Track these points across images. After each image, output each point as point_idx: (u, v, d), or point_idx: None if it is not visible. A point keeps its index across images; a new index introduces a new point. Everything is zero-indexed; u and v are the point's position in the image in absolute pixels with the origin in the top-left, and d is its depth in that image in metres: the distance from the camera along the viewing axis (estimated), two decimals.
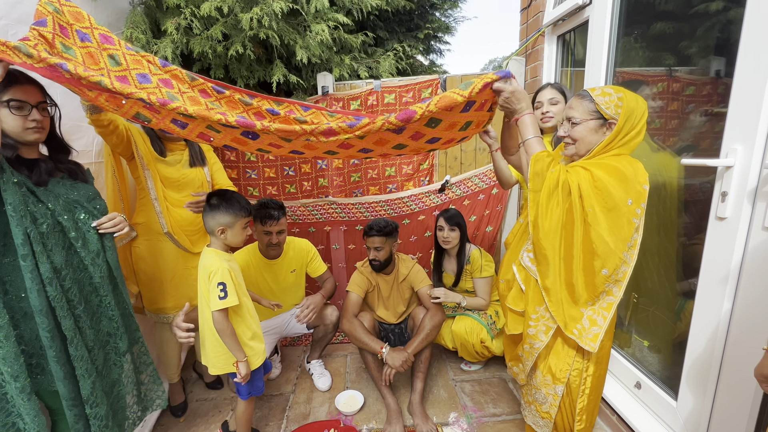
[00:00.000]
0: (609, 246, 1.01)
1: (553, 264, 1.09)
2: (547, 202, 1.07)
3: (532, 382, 1.22)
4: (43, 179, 1.13)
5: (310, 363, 2.27)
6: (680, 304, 1.54)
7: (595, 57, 1.86)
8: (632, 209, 0.99)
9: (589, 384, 1.13)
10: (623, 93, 1.07)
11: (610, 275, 1.03)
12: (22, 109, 1.10)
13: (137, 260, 1.78)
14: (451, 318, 2.18)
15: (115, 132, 1.55)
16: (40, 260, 1.04)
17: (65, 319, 1.07)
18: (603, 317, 1.07)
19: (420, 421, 1.79)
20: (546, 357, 1.18)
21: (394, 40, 3.49)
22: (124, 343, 1.27)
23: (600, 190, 1.01)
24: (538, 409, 1.21)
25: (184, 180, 1.80)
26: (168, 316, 1.84)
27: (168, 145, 1.79)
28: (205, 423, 1.90)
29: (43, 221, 1.08)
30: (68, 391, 1.09)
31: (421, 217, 2.64)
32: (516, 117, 1.13)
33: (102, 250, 1.20)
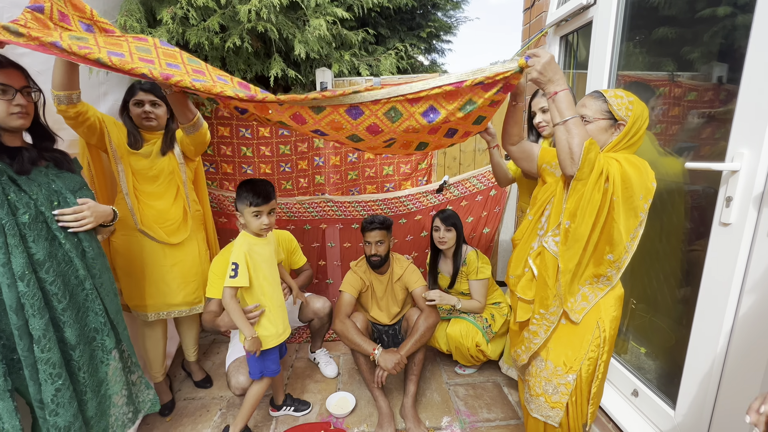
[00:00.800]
0: (621, 234, 1.06)
1: (581, 248, 1.10)
2: (592, 189, 1.05)
3: (542, 374, 1.22)
4: (25, 168, 1.09)
5: (315, 353, 2.30)
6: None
7: (598, 59, 1.83)
8: (641, 204, 1.05)
9: (602, 369, 1.17)
10: (634, 97, 1.13)
11: (614, 261, 1.09)
12: (5, 92, 1.06)
13: (114, 255, 1.72)
14: (446, 320, 2.14)
15: (85, 123, 1.51)
16: (14, 253, 0.99)
17: (34, 317, 1.01)
18: (594, 296, 1.15)
19: (412, 425, 1.75)
20: (557, 348, 1.20)
21: (395, 39, 3.45)
22: (111, 340, 1.22)
23: (624, 181, 1.04)
24: (548, 399, 1.21)
25: (155, 171, 1.73)
26: (147, 314, 1.77)
27: (145, 135, 1.72)
28: (192, 423, 1.86)
29: (24, 211, 1.03)
30: (35, 391, 1.04)
31: (418, 217, 2.61)
32: (555, 90, 1.05)
33: (80, 242, 1.15)
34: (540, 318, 1.21)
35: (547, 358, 1.21)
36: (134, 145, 1.67)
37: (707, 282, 1.23)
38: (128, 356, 1.33)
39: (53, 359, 1.04)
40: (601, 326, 1.14)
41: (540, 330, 1.21)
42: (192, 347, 2.09)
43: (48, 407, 1.04)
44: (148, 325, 1.82)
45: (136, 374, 1.36)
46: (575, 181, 1.05)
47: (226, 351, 2.47)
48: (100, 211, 1.21)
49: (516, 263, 1.31)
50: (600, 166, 1.05)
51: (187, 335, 2.06)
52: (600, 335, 1.14)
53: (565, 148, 1.04)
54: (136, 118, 1.69)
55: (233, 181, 2.56)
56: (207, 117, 2.43)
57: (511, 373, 1.98)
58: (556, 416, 1.20)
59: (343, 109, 1.19)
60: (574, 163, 1.03)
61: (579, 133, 1.03)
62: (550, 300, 1.17)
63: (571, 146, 1.03)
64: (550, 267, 1.16)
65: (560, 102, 1.05)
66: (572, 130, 1.03)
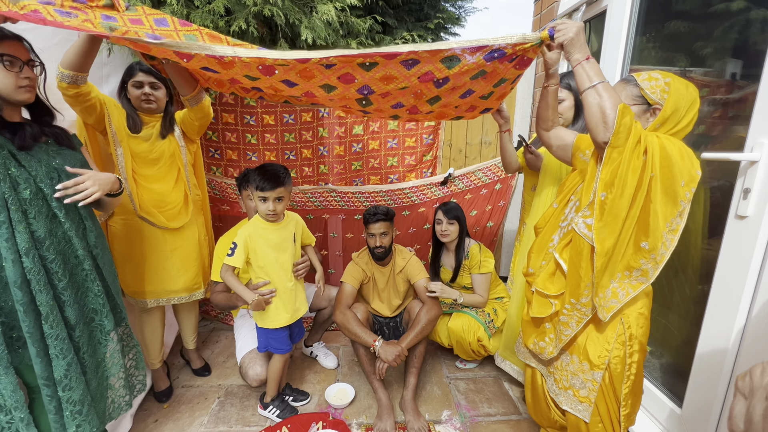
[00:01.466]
0: (657, 219, 0.96)
1: (620, 225, 1.00)
2: (630, 156, 0.96)
3: (568, 368, 1.18)
4: (27, 143, 1.06)
5: (312, 346, 2.26)
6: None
7: (611, 50, 1.79)
8: (682, 191, 0.95)
9: (633, 370, 1.09)
10: (672, 78, 1.02)
11: (649, 251, 0.99)
12: (13, 64, 1.03)
13: (113, 240, 1.69)
14: (448, 314, 2.11)
15: (84, 104, 1.47)
16: (18, 229, 0.98)
17: (40, 293, 1.00)
18: (626, 293, 1.04)
19: (412, 418, 1.73)
20: (583, 344, 1.14)
21: (402, 29, 3.40)
22: (110, 322, 1.21)
23: (664, 158, 0.95)
24: (576, 393, 1.17)
25: (155, 154, 1.70)
26: (146, 301, 1.75)
27: (144, 118, 1.69)
28: (190, 410, 1.84)
29: (25, 187, 1.01)
30: (42, 369, 1.03)
31: (422, 209, 2.58)
32: (587, 55, 1.02)
33: (82, 221, 1.13)
34: (571, 308, 1.13)
35: (572, 353, 1.16)
36: (133, 129, 1.64)
37: (720, 277, 1.19)
38: (125, 337, 1.31)
39: (62, 335, 1.04)
40: (625, 322, 1.08)
41: (571, 321, 1.14)
42: (191, 335, 2.07)
43: (61, 382, 1.04)
44: (146, 311, 1.80)
45: (129, 356, 1.34)
46: (610, 148, 0.97)
47: (225, 339, 2.47)
48: (102, 179, 1.16)
49: (537, 255, 1.25)
50: (637, 134, 0.96)
51: (186, 322, 2.04)
52: (624, 332, 1.08)
53: (596, 112, 0.98)
54: (135, 100, 1.65)
55: (238, 168, 2.53)
56: (211, 103, 2.40)
57: (506, 366, 1.94)
58: (585, 410, 1.15)
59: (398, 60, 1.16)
60: (608, 128, 0.96)
61: (611, 96, 0.97)
62: (581, 289, 1.09)
63: (603, 108, 0.96)
64: (583, 252, 1.07)
65: (590, 68, 1.00)
66: (603, 93, 0.97)
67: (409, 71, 1.19)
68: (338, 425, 1.71)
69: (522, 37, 1.06)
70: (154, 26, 1.20)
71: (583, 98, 1.02)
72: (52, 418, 1.07)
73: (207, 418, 1.79)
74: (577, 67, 1.03)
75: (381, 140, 2.60)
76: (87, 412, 1.10)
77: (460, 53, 1.10)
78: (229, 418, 1.79)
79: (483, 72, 1.21)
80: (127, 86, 1.64)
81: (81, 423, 1.09)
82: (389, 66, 1.17)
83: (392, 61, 1.14)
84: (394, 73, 1.20)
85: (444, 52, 1.09)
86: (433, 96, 1.37)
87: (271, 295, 1.62)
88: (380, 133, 2.59)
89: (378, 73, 1.21)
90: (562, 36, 1.03)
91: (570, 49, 1.03)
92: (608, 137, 0.96)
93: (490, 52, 1.10)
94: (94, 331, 1.19)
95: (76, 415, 1.08)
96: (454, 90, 1.34)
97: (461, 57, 1.12)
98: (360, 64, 1.16)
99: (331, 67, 1.18)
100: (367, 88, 1.28)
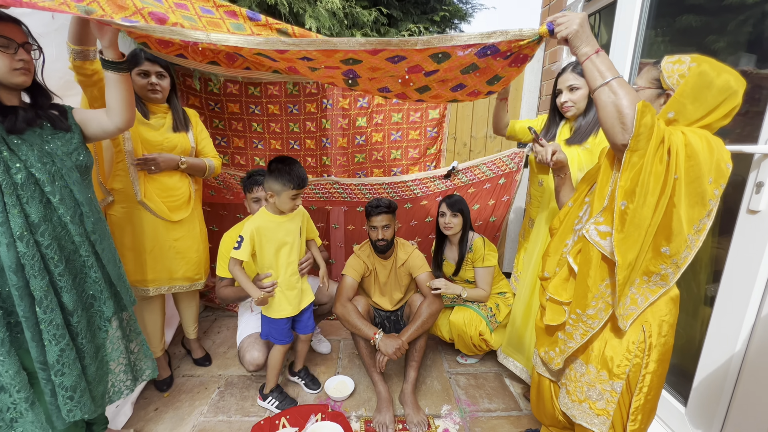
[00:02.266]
0: (681, 223, 0.88)
1: (642, 235, 0.91)
2: (653, 160, 0.87)
3: (583, 379, 1.09)
4: (18, 127, 1.04)
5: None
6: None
7: (620, 42, 1.75)
8: (710, 189, 0.86)
9: (647, 382, 1.01)
10: (699, 63, 0.90)
11: (670, 256, 0.91)
12: (8, 47, 1.02)
13: (113, 228, 1.67)
14: (449, 308, 2.10)
15: (98, 84, 1.43)
16: (11, 213, 0.97)
17: (34, 278, 1.00)
18: (645, 298, 0.97)
19: (411, 412, 1.72)
20: (600, 351, 1.06)
21: (408, 21, 3.36)
22: (109, 308, 1.20)
23: (689, 156, 0.86)
24: (592, 406, 1.08)
25: (167, 144, 1.70)
26: (147, 289, 1.75)
27: (150, 107, 1.68)
28: (190, 399, 1.84)
29: (17, 171, 1.00)
30: (38, 353, 1.04)
31: (424, 202, 2.55)
32: (597, 49, 0.93)
33: (78, 206, 1.12)
34: (576, 320, 1.06)
35: (588, 362, 1.08)
36: (144, 114, 1.64)
37: (730, 274, 1.16)
38: (128, 324, 1.31)
39: (56, 320, 1.04)
40: (647, 330, 1.00)
41: (575, 333, 1.07)
42: (192, 324, 2.07)
43: (53, 367, 1.04)
44: (146, 300, 1.80)
45: (134, 343, 1.35)
46: (630, 152, 0.87)
47: (226, 330, 2.47)
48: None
49: (552, 258, 1.17)
50: (660, 134, 0.87)
51: (187, 312, 2.04)
52: (645, 340, 1.00)
53: (612, 112, 0.88)
54: (140, 90, 1.63)
55: (244, 155, 2.53)
56: (215, 93, 2.39)
57: (509, 363, 1.91)
58: (602, 424, 1.07)
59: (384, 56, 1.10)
60: (626, 129, 0.86)
61: (627, 93, 0.87)
62: (588, 300, 1.01)
63: (619, 108, 0.86)
64: (592, 261, 0.99)
65: (600, 62, 0.91)
66: (618, 91, 0.87)
67: (396, 65, 1.14)
68: (337, 417, 1.70)
69: (518, 33, 0.99)
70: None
71: (596, 97, 0.92)
72: (48, 400, 1.08)
73: (206, 408, 1.79)
74: (586, 62, 0.93)
75: (384, 133, 2.58)
76: (79, 398, 1.11)
77: (450, 49, 1.04)
78: (229, 408, 1.79)
79: (475, 66, 1.15)
80: (131, 75, 1.62)
81: (72, 408, 1.09)
82: (373, 62, 1.11)
83: (376, 57, 1.07)
84: (380, 65, 1.15)
85: (433, 49, 1.04)
86: (422, 86, 1.32)
87: (273, 287, 1.62)
88: (384, 125, 2.56)
89: (365, 66, 1.15)
90: (565, 30, 0.93)
91: (576, 43, 0.93)
92: (627, 139, 0.87)
93: (482, 48, 1.04)
94: (93, 316, 1.19)
95: (68, 400, 1.08)
96: (444, 82, 1.28)
97: (451, 53, 1.06)
98: (342, 60, 1.09)
99: (311, 60, 1.13)
100: (353, 72, 1.22)
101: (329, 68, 1.19)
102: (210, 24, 1.16)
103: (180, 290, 1.84)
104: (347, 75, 1.24)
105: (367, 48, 1.02)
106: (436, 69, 1.16)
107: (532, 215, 1.83)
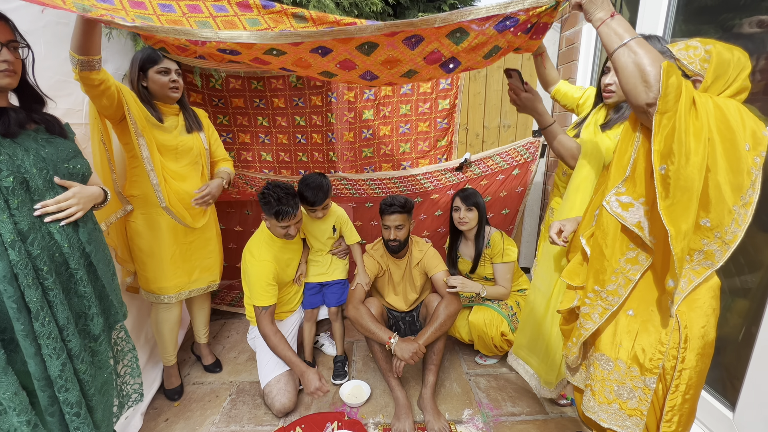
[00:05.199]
0: (720, 190, 0.82)
1: (694, 198, 0.84)
2: (686, 116, 0.81)
3: (611, 377, 1.02)
4: (11, 130, 0.97)
5: (319, 335, 2.23)
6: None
7: (649, 19, 1.61)
8: (750, 156, 0.82)
9: (685, 378, 0.93)
10: (713, 45, 0.90)
11: (712, 229, 0.85)
12: None
13: (133, 236, 1.63)
14: (468, 308, 2.00)
15: (105, 93, 1.36)
16: (1, 219, 0.89)
17: (29, 288, 0.92)
18: (689, 280, 0.90)
19: (431, 418, 1.63)
20: (629, 346, 0.99)
21: (414, 9, 3.23)
22: (97, 326, 1.10)
23: (720, 119, 0.82)
24: (623, 406, 1.00)
25: (181, 148, 1.65)
26: (169, 296, 1.70)
27: (162, 109, 1.62)
28: (201, 409, 1.78)
29: (8, 174, 0.92)
30: (39, 370, 0.96)
31: (435, 196, 2.45)
32: (612, 12, 0.90)
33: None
34: (594, 297, 1.00)
35: (616, 357, 1.00)
36: (158, 119, 1.57)
37: None
38: (117, 343, 1.23)
39: (54, 333, 0.97)
40: (681, 320, 0.92)
41: (594, 313, 1.01)
42: (203, 328, 2.01)
43: (57, 383, 0.98)
44: (165, 308, 1.74)
45: (121, 363, 1.26)
46: (659, 114, 0.82)
47: (236, 335, 2.40)
48: (87, 195, 1.07)
49: (574, 249, 1.13)
50: (690, 92, 0.82)
51: (199, 315, 1.99)
52: (680, 331, 0.92)
53: (633, 71, 0.83)
54: (161, 88, 1.57)
55: (251, 151, 2.46)
56: (218, 89, 2.31)
57: (519, 366, 1.73)
58: (635, 426, 0.99)
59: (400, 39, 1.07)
60: (650, 87, 0.81)
61: (648, 51, 0.83)
62: (607, 275, 0.96)
63: (641, 65, 0.82)
64: (609, 231, 0.95)
65: (617, 25, 0.87)
66: (638, 50, 0.83)
67: (414, 51, 1.10)
68: (354, 425, 1.62)
69: (535, 0, 0.96)
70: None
71: (614, 60, 0.87)
72: (55, 420, 1.00)
73: (219, 417, 1.73)
74: (601, 27, 0.89)
75: (392, 125, 2.47)
76: (84, 415, 1.03)
77: (467, 24, 1.00)
78: (241, 417, 1.73)
79: (497, 48, 1.12)
80: (149, 73, 1.55)
81: (79, 425, 1.02)
82: (391, 47, 1.07)
83: (393, 39, 1.04)
84: (397, 54, 1.11)
85: (450, 26, 0.99)
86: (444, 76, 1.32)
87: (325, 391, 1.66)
88: (391, 118, 2.45)
89: (380, 56, 1.11)
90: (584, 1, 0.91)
91: (590, 8, 0.91)
92: (651, 97, 0.82)
93: (502, 20, 1.00)
94: (82, 335, 1.10)
95: (74, 417, 1.01)
96: (468, 69, 1.26)
97: (468, 29, 1.02)
98: (358, 47, 1.06)
99: (327, 53, 1.07)
100: (370, 73, 1.18)
101: (346, 70, 1.17)
102: (225, 24, 1.10)
103: (197, 294, 1.81)
104: (365, 77, 1.22)
105: (384, 32, 0.98)
106: (455, 57, 1.11)
107: (553, 205, 1.72)
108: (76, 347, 1.03)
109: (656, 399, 0.97)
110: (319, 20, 1.06)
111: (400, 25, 0.99)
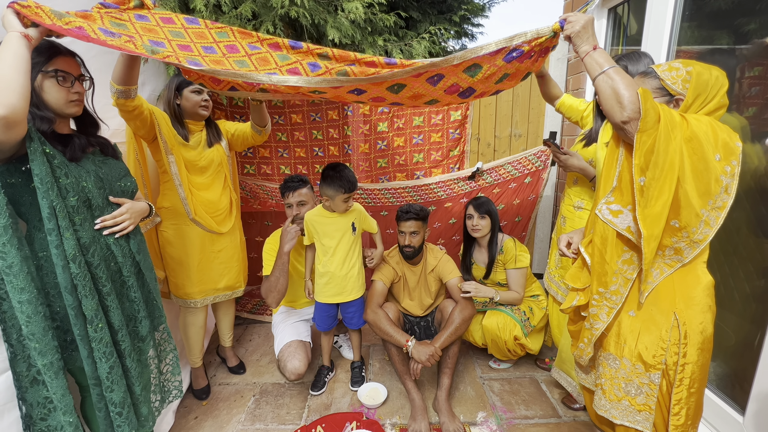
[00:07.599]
0: (688, 196, 0.94)
1: (666, 204, 0.96)
2: (665, 135, 0.93)
3: (619, 375, 1.10)
4: (77, 155, 1.10)
5: (339, 336, 2.34)
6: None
7: (654, 32, 1.67)
8: (718, 165, 0.93)
9: (688, 373, 1.00)
10: (693, 66, 1.01)
11: (680, 229, 0.97)
12: (66, 80, 1.07)
13: (164, 245, 1.77)
14: (482, 313, 2.06)
15: (139, 117, 1.52)
16: (65, 236, 1.01)
17: (86, 298, 1.04)
18: (660, 272, 1.02)
19: (446, 420, 1.69)
20: (633, 344, 1.07)
21: (426, 22, 3.34)
22: (144, 328, 1.23)
23: (689, 136, 0.93)
24: (632, 402, 1.08)
25: (204, 162, 1.78)
26: (195, 300, 1.82)
27: (190, 127, 1.76)
28: (227, 408, 1.88)
29: (73, 195, 1.04)
30: (92, 370, 1.07)
31: (448, 204, 2.53)
32: (594, 45, 1.03)
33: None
34: (600, 298, 1.09)
35: (621, 356, 1.08)
36: (185, 137, 1.71)
37: None
38: (160, 343, 1.34)
39: (105, 338, 1.08)
40: (680, 318, 1.00)
41: (601, 312, 1.09)
42: (228, 332, 2.12)
43: (104, 384, 1.08)
44: (192, 312, 1.87)
45: (164, 362, 1.37)
46: (640, 133, 0.94)
47: (258, 338, 2.51)
48: (137, 210, 1.22)
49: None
50: (667, 110, 0.95)
51: (225, 319, 2.09)
52: (680, 328, 1.00)
53: (610, 95, 0.96)
54: (192, 107, 1.71)
55: (270, 164, 2.59)
56: (240, 107, 2.45)
57: (561, 378, 1.78)
58: (645, 420, 1.06)
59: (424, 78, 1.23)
60: (623, 107, 0.94)
61: (623, 77, 0.96)
62: (609, 277, 1.06)
63: (616, 89, 0.95)
64: (608, 238, 1.05)
65: (598, 56, 1.00)
66: (614, 76, 0.96)
67: (435, 87, 1.26)
68: (372, 425, 1.70)
69: (536, 32, 1.10)
70: (185, 24, 1.21)
71: (596, 85, 1.01)
72: (101, 416, 1.11)
73: (244, 416, 1.83)
74: (585, 58, 1.03)
75: (406, 137, 2.57)
76: (127, 414, 1.14)
77: (480, 58, 1.13)
78: (265, 416, 1.82)
79: (506, 75, 1.25)
80: (183, 92, 1.69)
81: (121, 424, 1.13)
82: (416, 86, 1.25)
83: (418, 80, 1.20)
84: (422, 91, 1.28)
85: (466, 62, 1.13)
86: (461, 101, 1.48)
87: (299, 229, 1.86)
88: (405, 129, 2.55)
89: (407, 93, 1.29)
90: (570, 28, 1.04)
91: (577, 42, 1.04)
92: (625, 116, 0.95)
93: (509, 53, 1.13)
94: (132, 336, 1.22)
95: (116, 416, 1.12)
96: (482, 94, 1.42)
97: (482, 63, 1.16)
98: (389, 88, 1.24)
99: (362, 93, 1.26)
100: (397, 104, 1.39)
101: (377, 102, 1.39)
102: (259, 61, 1.21)
103: (223, 299, 1.92)
104: (393, 104, 1.44)
105: (412, 74, 1.15)
106: (471, 87, 1.27)
107: (564, 213, 1.78)
108: (128, 347, 1.14)
109: (662, 396, 1.03)
110: (340, 58, 1.16)
111: (426, 66, 1.12)
